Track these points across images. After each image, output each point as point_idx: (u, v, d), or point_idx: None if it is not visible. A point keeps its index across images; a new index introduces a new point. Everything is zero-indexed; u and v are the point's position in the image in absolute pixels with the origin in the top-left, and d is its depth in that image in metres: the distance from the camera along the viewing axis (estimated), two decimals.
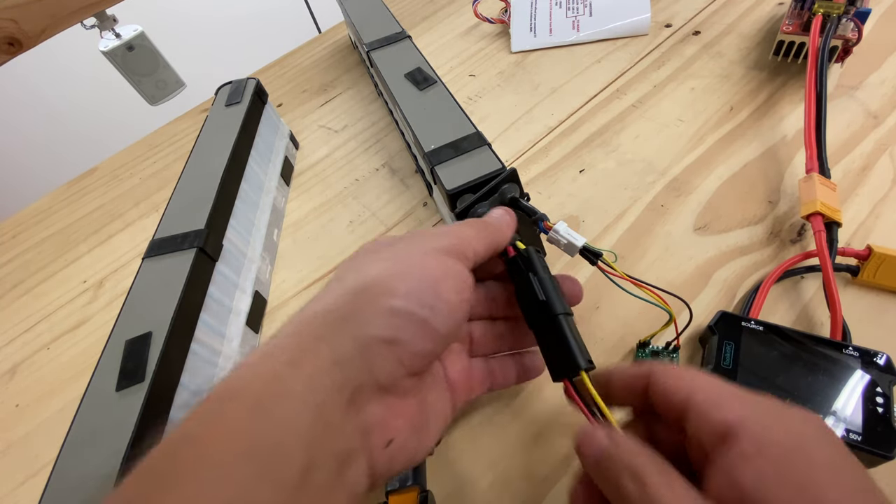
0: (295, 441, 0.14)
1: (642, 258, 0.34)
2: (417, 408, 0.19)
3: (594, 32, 0.53)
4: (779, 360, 0.25)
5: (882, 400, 0.23)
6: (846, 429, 0.22)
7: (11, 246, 0.51)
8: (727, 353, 0.26)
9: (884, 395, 0.23)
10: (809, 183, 0.31)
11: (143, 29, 0.55)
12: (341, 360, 0.16)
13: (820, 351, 0.25)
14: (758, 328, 0.26)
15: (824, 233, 0.28)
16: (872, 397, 0.23)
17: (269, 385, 0.15)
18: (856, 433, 0.22)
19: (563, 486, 0.25)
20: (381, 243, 0.21)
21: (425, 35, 0.62)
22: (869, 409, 0.23)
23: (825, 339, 0.26)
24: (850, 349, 0.25)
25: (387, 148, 0.48)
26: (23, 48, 0.47)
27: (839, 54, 0.38)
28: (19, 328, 0.43)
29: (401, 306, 0.17)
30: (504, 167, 0.30)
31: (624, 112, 0.44)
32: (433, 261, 0.19)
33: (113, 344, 0.27)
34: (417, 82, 0.38)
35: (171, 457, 0.13)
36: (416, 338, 0.18)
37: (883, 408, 0.23)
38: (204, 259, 0.32)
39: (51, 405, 0.36)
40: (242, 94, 0.45)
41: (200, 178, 0.37)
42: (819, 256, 0.28)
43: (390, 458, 0.17)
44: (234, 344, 0.33)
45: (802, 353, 0.25)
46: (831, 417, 0.23)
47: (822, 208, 0.29)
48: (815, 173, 0.31)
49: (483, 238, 0.22)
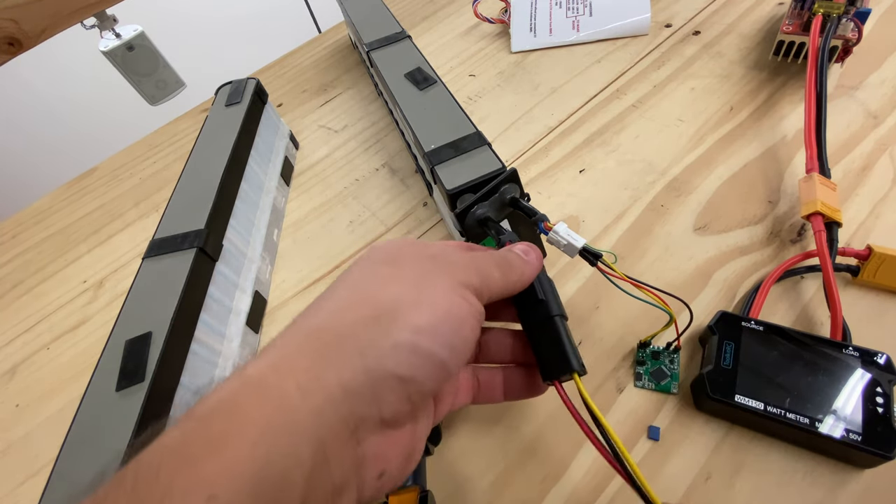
0: (298, 474, 0.14)
1: (642, 258, 0.34)
2: (410, 436, 0.18)
3: (594, 32, 0.53)
4: (779, 359, 0.25)
5: (882, 400, 0.23)
6: (846, 428, 0.22)
7: (11, 246, 0.51)
8: (727, 353, 0.26)
9: (884, 394, 0.23)
10: (810, 183, 0.31)
11: (143, 29, 0.55)
12: (350, 391, 0.15)
13: (820, 350, 0.25)
14: (758, 328, 0.26)
15: (824, 233, 0.28)
16: (872, 397, 0.23)
17: (277, 413, 0.14)
18: (856, 433, 0.22)
19: (563, 486, 0.25)
20: (396, 255, 0.20)
21: (425, 35, 0.62)
22: (869, 408, 0.23)
23: (825, 339, 0.26)
24: (850, 349, 0.25)
25: (387, 148, 0.48)
26: (23, 48, 0.47)
27: (839, 54, 0.38)
28: (19, 328, 0.43)
29: (424, 346, 0.17)
30: (504, 167, 0.30)
31: (624, 112, 0.44)
32: (458, 298, 0.18)
33: (113, 344, 0.27)
34: (417, 82, 0.38)
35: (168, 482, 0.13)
36: (431, 378, 0.17)
37: (883, 408, 0.23)
38: (204, 259, 0.32)
39: (51, 405, 0.36)
40: (242, 94, 0.45)
41: (200, 178, 0.37)
42: (819, 256, 0.28)
43: (379, 488, 0.17)
44: (234, 344, 0.33)
45: (803, 352, 0.25)
46: (831, 416, 0.23)
47: (823, 208, 0.29)
48: (815, 173, 0.31)
49: (504, 283, 0.20)
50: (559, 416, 0.28)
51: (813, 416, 0.23)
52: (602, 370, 0.29)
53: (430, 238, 0.39)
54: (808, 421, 0.23)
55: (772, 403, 0.23)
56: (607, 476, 0.25)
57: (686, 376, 0.28)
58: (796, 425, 0.23)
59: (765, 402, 0.24)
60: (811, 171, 0.32)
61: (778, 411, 0.23)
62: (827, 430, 0.23)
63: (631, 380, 0.28)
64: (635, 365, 0.29)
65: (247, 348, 0.34)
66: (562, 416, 0.28)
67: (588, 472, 0.26)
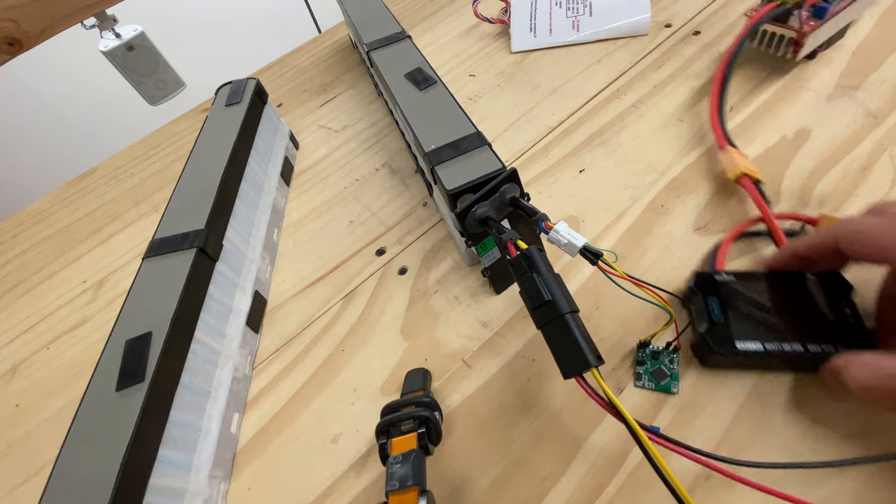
0: None
1: (642, 258, 0.34)
2: None
3: (594, 32, 0.53)
4: (759, 300, 0.27)
5: (849, 310, 0.26)
6: (832, 343, 0.25)
7: (11, 246, 0.51)
8: (714, 309, 0.27)
9: (850, 304, 0.26)
10: (728, 155, 0.35)
11: (143, 29, 0.55)
12: None
13: (786, 284, 0.28)
14: (731, 278, 0.28)
15: (755, 189, 0.33)
16: (841, 310, 0.26)
17: None
18: (840, 345, 0.25)
19: (564, 486, 0.25)
20: None
21: (425, 35, 0.62)
22: (842, 320, 0.26)
23: (786, 272, 0.28)
24: (809, 275, 0.27)
25: (387, 148, 0.48)
26: (23, 48, 0.47)
27: (793, 47, 0.40)
28: (19, 328, 0.43)
29: None
30: (504, 167, 0.30)
31: (624, 112, 0.44)
32: None
33: (113, 344, 0.27)
34: (417, 82, 0.38)
35: None
36: None
37: (853, 316, 0.26)
38: (204, 259, 0.32)
39: (51, 405, 0.36)
40: (242, 94, 0.45)
41: (200, 178, 0.37)
42: (758, 206, 0.32)
43: None
44: (234, 344, 0.33)
45: (773, 290, 0.27)
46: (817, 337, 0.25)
47: (746, 170, 0.33)
48: (728, 146, 0.36)
49: None
50: (560, 416, 0.28)
51: (803, 341, 0.25)
52: (602, 370, 0.29)
53: (430, 238, 0.39)
54: (800, 346, 0.25)
55: (768, 341, 0.25)
56: (607, 476, 0.25)
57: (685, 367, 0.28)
58: (792, 353, 0.25)
59: (762, 341, 0.26)
60: (724, 147, 0.36)
61: (775, 346, 0.25)
62: (818, 349, 0.25)
63: (631, 380, 0.28)
64: (635, 365, 0.29)
65: (246, 348, 0.34)
66: (562, 416, 0.28)
67: (588, 471, 0.26)
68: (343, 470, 0.28)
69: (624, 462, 0.25)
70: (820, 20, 0.39)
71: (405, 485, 0.23)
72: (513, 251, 0.25)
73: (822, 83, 0.41)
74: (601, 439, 0.26)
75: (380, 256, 0.39)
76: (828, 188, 0.34)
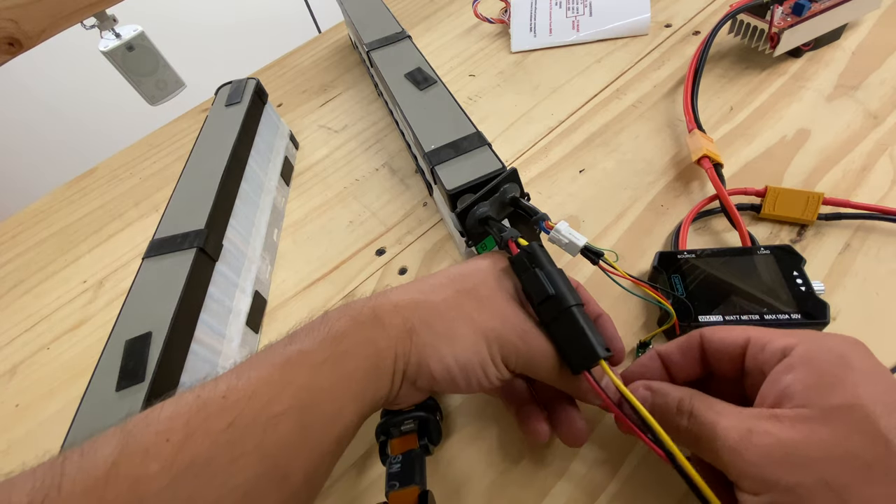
0: None
1: (642, 258, 0.34)
2: None
3: (594, 32, 0.53)
4: (718, 276, 0.29)
5: (801, 280, 0.27)
6: (787, 312, 0.26)
7: (11, 246, 0.51)
8: (677, 284, 0.29)
9: (801, 275, 0.27)
10: (695, 137, 0.37)
11: (143, 29, 0.55)
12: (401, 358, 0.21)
13: (742, 258, 0.29)
14: (690, 256, 0.30)
15: (713, 170, 0.34)
16: (794, 280, 0.27)
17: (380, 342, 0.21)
18: (795, 312, 0.26)
19: (564, 486, 0.25)
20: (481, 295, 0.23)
21: (425, 35, 0.62)
22: (796, 290, 0.27)
23: (741, 248, 0.30)
24: (762, 249, 0.29)
25: (387, 148, 0.48)
26: (23, 48, 0.47)
27: (770, 41, 0.41)
28: (19, 328, 0.43)
29: None
30: (504, 167, 0.30)
31: (624, 112, 0.44)
32: None
33: (113, 344, 0.27)
34: (417, 82, 0.38)
35: None
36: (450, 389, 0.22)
37: (805, 286, 0.27)
38: (204, 259, 0.32)
39: (51, 405, 0.36)
40: (242, 94, 0.45)
41: (200, 178, 0.37)
42: (714, 185, 0.33)
43: None
44: (234, 344, 0.33)
45: (730, 265, 0.29)
46: (773, 306, 0.26)
47: (708, 153, 0.35)
48: (696, 130, 0.37)
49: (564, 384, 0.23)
50: None
51: (760, 311, 0.27)
52: None
53: (430, 238, 0.39)
54: (758, 317, 0.26)
55: (727, 313, 0.27)
56: (608, 475, 0.25)
57: None
58: (750, 323, 0.26)
59: (721, 313, 0.27)
60: (692, 130, 0.38)
61: (734, 317, 0.27)
62: (774, 318, 0.26)
63: None
64: None
65: (246, 348, 0.34)
66: None
67: (588, 471, 0.26)
68: (343, 470, 0.28)
69: (624, 462, 0.25)
70: (798, 17, 0.40)
71: (405, 485, 0.23)
72: (514, 250, 0.25)
73: (822, 83, 0.41)
74: (602, 439, 0.26)
75: (380, 256, 0.39)
76: (828, 188, 0.34)
